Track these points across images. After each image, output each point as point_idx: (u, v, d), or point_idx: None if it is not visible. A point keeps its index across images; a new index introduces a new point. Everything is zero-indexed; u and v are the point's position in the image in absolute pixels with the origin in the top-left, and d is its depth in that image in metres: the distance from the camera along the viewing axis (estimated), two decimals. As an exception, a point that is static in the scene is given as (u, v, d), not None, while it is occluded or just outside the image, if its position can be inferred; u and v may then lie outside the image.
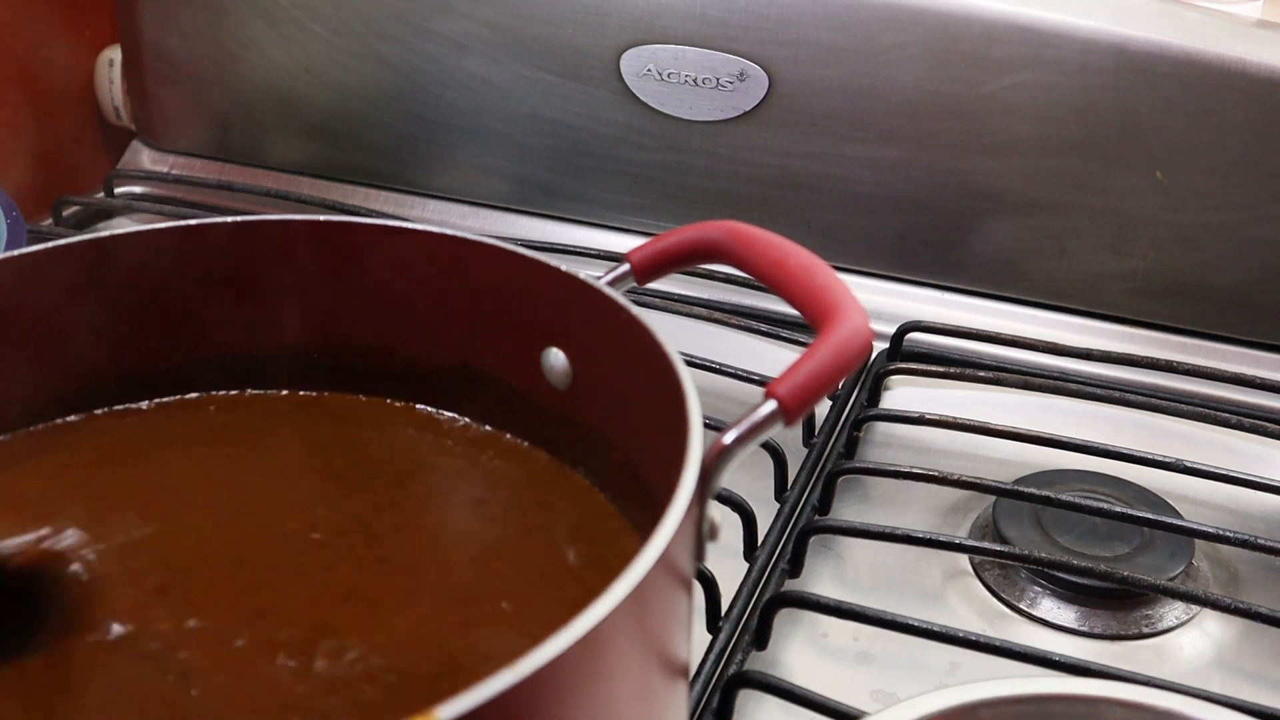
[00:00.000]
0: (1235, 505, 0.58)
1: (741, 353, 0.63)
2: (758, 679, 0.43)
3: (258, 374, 0.41)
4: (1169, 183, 0.64)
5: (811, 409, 0.50)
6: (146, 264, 0.39)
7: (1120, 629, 0.50)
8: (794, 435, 0.58)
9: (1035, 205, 0.66)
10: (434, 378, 0.41)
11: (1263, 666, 0.49)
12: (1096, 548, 0.52)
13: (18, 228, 0.60)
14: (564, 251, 0.71)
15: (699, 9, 0.67)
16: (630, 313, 0.34)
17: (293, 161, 0.80)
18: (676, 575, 0.28)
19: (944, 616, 0.50)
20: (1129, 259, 0.66)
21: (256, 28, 0.76)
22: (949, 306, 0.70)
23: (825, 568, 0.52)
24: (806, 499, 0.54)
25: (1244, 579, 0.53)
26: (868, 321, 0.33)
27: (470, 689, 0.22)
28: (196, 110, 0.81)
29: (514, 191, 0.76)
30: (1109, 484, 0.56)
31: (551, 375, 0.39)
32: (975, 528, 0.55)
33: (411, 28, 0.73)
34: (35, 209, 0.79)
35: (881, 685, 0.47)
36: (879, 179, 0.68)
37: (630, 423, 0.36)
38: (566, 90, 0.72)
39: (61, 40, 0.81)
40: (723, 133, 0.70)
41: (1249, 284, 0.65)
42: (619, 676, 0.26)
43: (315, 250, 0.40)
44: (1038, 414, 0.62)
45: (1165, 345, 0.67)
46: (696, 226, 0.38)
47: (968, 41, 0.64)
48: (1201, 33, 0.62)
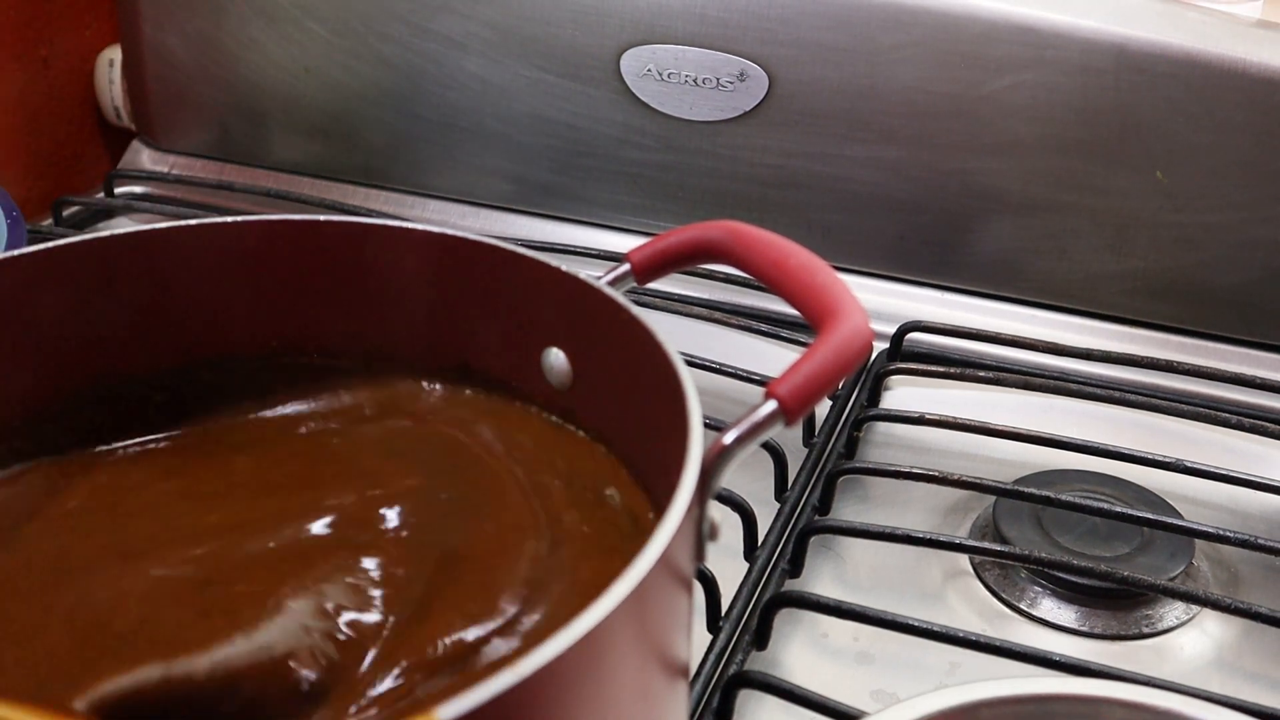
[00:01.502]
0: (1235, 505, 0.58)
1: (741, 353, 0.63)
2: (758, 679, 0.43)
3: (257, 374, 0.41)
4: (1169, 183, 0.64)
5: (812, 409, 0.50)
6: (147, 264, 0.39)
7: (1120, 629, 0.50)
8: (794, 435, 0.58)
9: (1035, 205, 0.66)
10: (434, 378, 0.41)
11: (1263, 666, 0.49)
12: (1096, 548, 0.52)
13: (18, 228, 0.60)
14: (564, 251, 0.71)
15: (699, 9, 0.67)
16: (630, 313, 0.34)
17: (293, 161, 0.80)
18: (677, 575, 0.28)
19: (944, 616, 0.50)
20: (1129, 259, 0.66)
21: (256, 28, 0.76)
22: (949, 306, 0.70)
23: (825, 568, 0.52)
24: (806, 499, 0.54)
25: (1244, 579, 0.53)
26: (868, 321, 0.33)
27: (470, 689, 0.22)
28: (196, 110, 0.81)
29: (514, 191, 0.76)
30: (1109, 484, 0.56)
31: (551, 375, 0.39)
32: (975, 528, 0.55)
33: (411, 28, 0.73)
34: (35, 209, 0.79)
35: (881, 685, 0.47)
36: (879, 179, 0.68)
37: (630, 423, 0.36)
38: (566, 90, 0.72)
39: (61, 40, 0.81)
40: (723, 133, 0.70)
41: (1249, 284, 0.65)
42: (619, 676, 0.26)
43: (314, 250, 0.40)
44: (1038, 414, 0.62)
45: (1165, 345, 0.67)
46: (696, 226, 0.38)
47: (968, 41, 0.64)
48: (1201, 33, 0.62)
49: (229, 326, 0.41)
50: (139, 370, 0.40)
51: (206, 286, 0.40)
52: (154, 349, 0.40)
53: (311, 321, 0.41)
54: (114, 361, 0.39)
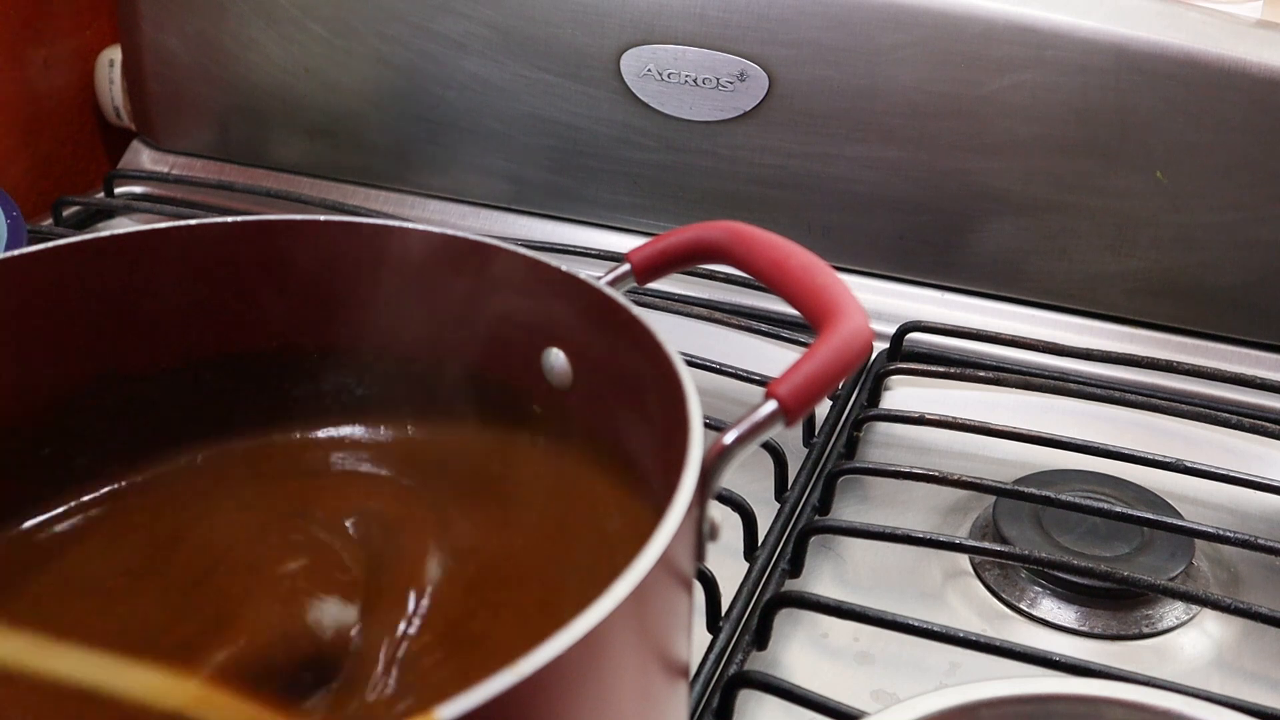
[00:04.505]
0: (1235, 505, 0.58)
1: (741, 353, 0.63)
2: (758, 679, 0.43)
3: (257, 375, 0.41)
4: (1169, 183, 0.64)
5: (812, 409, 0.50)
6: (146, 264, 0.39)
7: (1120, 629, 0.50)
8: (794, 435, 0.58)
9: (1035, 205, 0.66)
10: (433, 378, 0.41)
11: (1263, 666, 0.49)
12: (1096, 548, 0.52)
13: (18, 228, 0.60)
14: (564, 251, 0.72)
15: (699, 9, 0.67)
16: (630, 313, 0.34)
17: (293, 161, 0.80)
18: (677, 575, 0.28)
19: (944, 616, 0.50)
20: (1129, 259, 0.66)
21: (256, 28, 0.76)
22: (949, 306, 0.70)
23: (825, 568, 0.52)
24: (807, 499, 0.54)
25: (1244, 579, 0.53)
26: (868, 322, 0.33)
27: (470, 689, 0.22)
28: (196, 110, 0.81)
29: (514, 191, 0.76)
30: (1109, 484, 0.56)
31: (551, 375, 0.39)
32: (975, 528, 0.55)
33: (411, 28, 0.73)
34: (35, 209, 0.79)
35: (881, 685, 0.47)
36: (879, 179, 0.68)
37: (630, 423, 0.36)
38: (566, 90, 0.72)
39: (61, 40, 0.81)
40: (723, 133, 0.70)
41: (1249, 284, 0.65)
42: (619, 676, 0.26)
43: (314, 250, 0.40)
44: (1038, 414, 0.62)
45: (1165, 345, 0.67)
46: (696, 226, 0.38)
47: (968, 41, 0.64)
48: (1201, 33, 0.62)
49: (229, 326, 0.41)
50: (139, 371, 0.40)
51: (206, 287, 0.40)
52: (154, 349, 0.40)
53: (311, 322, 0.41)
54: (114, 362, 0.39)
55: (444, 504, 0.39)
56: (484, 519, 0.38)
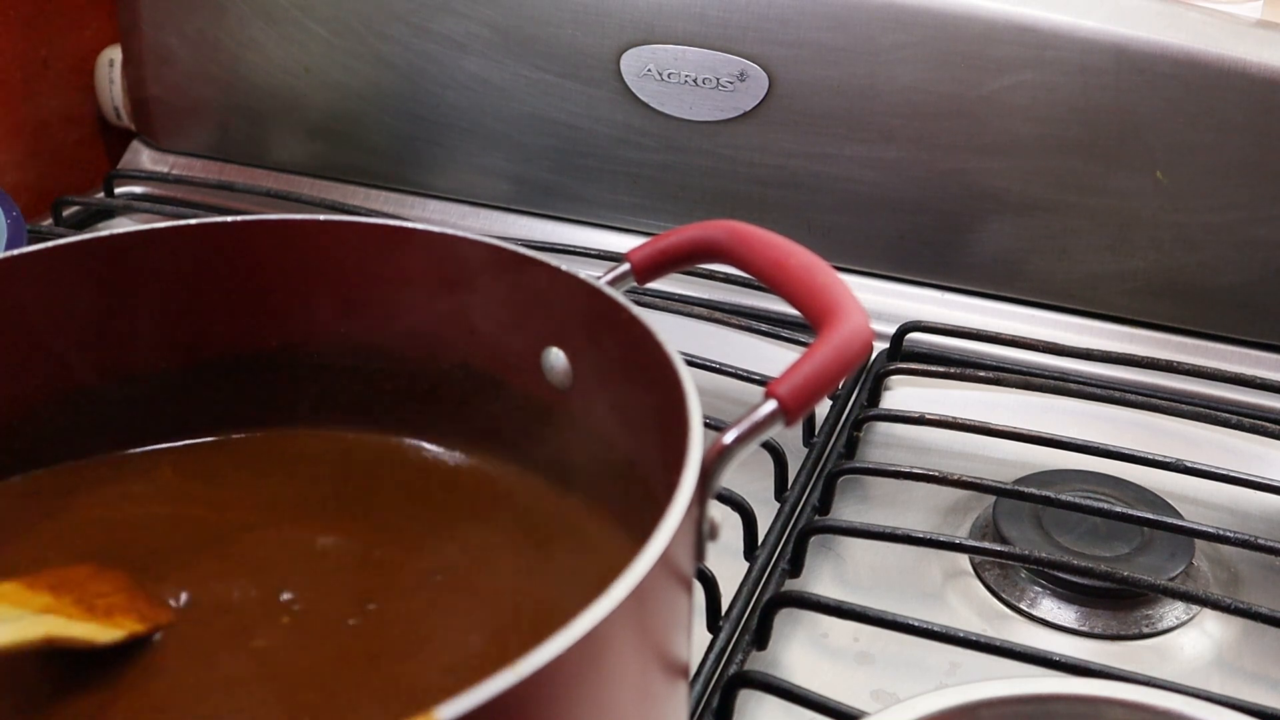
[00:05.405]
0: (1235, 505, 0.58)
1: (741, 353, 0.63)
2: (758, 679, 0.43)
3: (257, 375, 0.41)
4: (1169, 183, 0.64)
5: (812, 409, 0.50)
6: (146, 264, 0.39)
7: (1120, 629, 0.50)
8: (794, 435, 0.58)
9: (1035, 205, 0.66)
10: (433, 378, 0.41)
11: (1263, 666, 0.49)
12: (1096, 548, 0.52)
13: (18, 228, 0.60)
14: (564, 251, 0.71)
15: (699, 9, 0.67)
16: (630, 313, 0.34)
17: (293, 161, 0.80)
18: (677, 575, 0.28)
19: (944, 616, 0.50)
20: (1129, 259, 0.66)
21: (256, 28, 0.76)
22: (949, 306, 0.70)
23: (825, 568, 0.52)
24: (806, 499, 0.54)
25: (1244, 579, 0.53)
26: (868, 321, 0.33)
27: (470, 689, 0.22)
28: (196, 110, 0.81)
29: (514, 191, 0.76)
30: (1109, 484, 0.56)
31: (551, 375, 0.39)
32: (975, 528, 0.55)
33: (411, 28, 0.73)
34: (35, 209, 0.79)
35: (881, 685, 0.47)
36: (879, 179, 0.68)
37: (630, 423, 0.36)
38: (566, 90, 0.72)
39: (61, 40, 0.81)
40: (723, 133, 0.70)
41: (1249, 284, 0.65)
42: (619, 676, 0.26)
43: (314, 251, 0.40)
44: (1038, 414, 0.62)
45: (1165, 345, 0.67)
46: (696, 226, 0.38)
47: (968, 41, 0.64)
48: (1201, 33, 0.62)
49: (229, 327, 0.41)
50: (139, 371, 0.40)
51: (206, 287, 0.40)
52: (154, 349, 0.40)
53: (311, 321, 0.41)
54: (114, 362, 0.39)
55: (441, 504, 0.39)
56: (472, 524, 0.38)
